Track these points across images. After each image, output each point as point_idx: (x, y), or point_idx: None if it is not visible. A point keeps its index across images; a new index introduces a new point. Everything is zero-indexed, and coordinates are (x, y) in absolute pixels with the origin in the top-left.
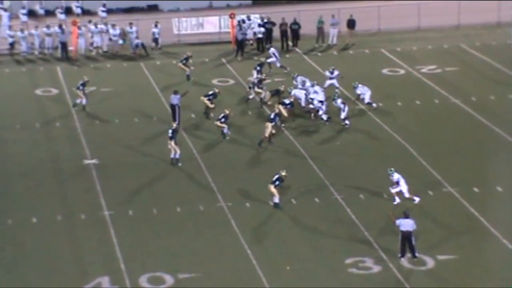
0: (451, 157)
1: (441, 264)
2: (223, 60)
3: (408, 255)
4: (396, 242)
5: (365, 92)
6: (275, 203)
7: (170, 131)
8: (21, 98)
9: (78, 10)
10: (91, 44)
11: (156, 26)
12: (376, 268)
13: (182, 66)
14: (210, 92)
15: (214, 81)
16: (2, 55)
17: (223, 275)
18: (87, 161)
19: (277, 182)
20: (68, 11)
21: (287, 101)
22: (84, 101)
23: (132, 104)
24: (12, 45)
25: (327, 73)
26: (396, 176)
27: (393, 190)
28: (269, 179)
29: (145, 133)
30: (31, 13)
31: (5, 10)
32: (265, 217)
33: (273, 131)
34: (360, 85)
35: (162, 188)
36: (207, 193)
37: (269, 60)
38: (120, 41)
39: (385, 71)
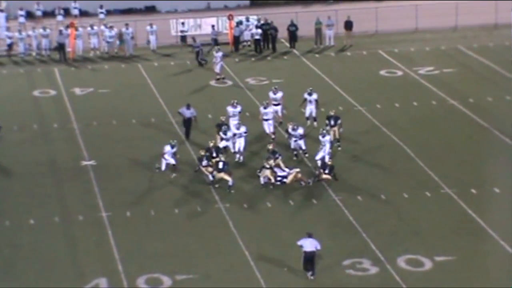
0: (448, 159)
1: (439, 266)
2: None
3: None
4: (395, 243)
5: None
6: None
7: None
8: (18, 99)
9: (76, 12)
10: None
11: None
12: (374, 270)
13: None
14: None
15: (212, 83)
16: (0, 56)
17: (221, 276)
18: (84, 162)
19: (276, 155)
20: (66, 12)
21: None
22: None
23: (129, 106)
24: (10, 46)
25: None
26: None
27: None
28: None
29: (143, 134)
30: (29, 15)
31: (2, 11)
32: (262, 218)
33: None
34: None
35: (160, 189)
36: (204, 194)
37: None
38: (118, 42)
39: (382, 72)
